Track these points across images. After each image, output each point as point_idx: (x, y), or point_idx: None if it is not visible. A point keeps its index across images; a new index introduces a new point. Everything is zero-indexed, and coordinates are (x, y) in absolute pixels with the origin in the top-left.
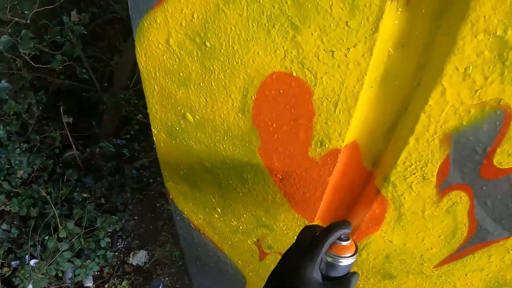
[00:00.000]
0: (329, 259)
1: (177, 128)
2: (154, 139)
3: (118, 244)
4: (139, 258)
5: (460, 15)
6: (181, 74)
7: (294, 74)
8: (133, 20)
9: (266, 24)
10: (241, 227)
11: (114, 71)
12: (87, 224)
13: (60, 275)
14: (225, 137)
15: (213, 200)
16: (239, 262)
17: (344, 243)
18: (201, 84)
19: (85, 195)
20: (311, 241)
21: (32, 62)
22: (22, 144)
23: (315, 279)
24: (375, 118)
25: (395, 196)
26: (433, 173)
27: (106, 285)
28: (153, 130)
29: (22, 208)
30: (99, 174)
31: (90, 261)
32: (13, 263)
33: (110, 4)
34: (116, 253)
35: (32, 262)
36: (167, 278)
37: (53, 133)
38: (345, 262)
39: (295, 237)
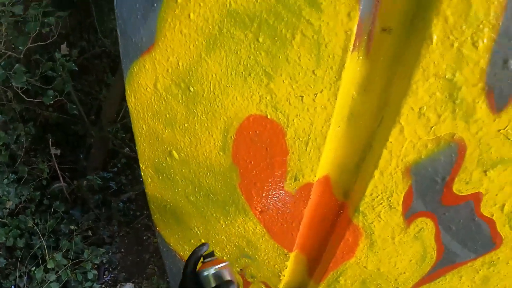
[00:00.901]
0: (204, 273)
1: (164, 165)
2: (142, 174)
3: (104, 276)
4: None
5: (412, 61)
6: (167, 115)
7: (268, 116)
8: (124, 65)
9: (243, 72)
10: (225, 258)
11: (102, 105)
12: (74, 256)
13: None
14: (208, 173)
15: (198, 232)
16: None
17: (207, 259)
18: (186, 124)
19: (72, 227)
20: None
21: (24, 96)
22: (10, 174)
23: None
24: (344, 154)
25: (365, 225)
26: (399, 202)
27: None
28: (141, 165)
29: (9, 239)
30: (86, 206)
31: None
32: None
33: (98, 38)
34: (103, 286)
35: None
36: None
37: (41, 164)
38: (206, 272)
39: (276, 266)
